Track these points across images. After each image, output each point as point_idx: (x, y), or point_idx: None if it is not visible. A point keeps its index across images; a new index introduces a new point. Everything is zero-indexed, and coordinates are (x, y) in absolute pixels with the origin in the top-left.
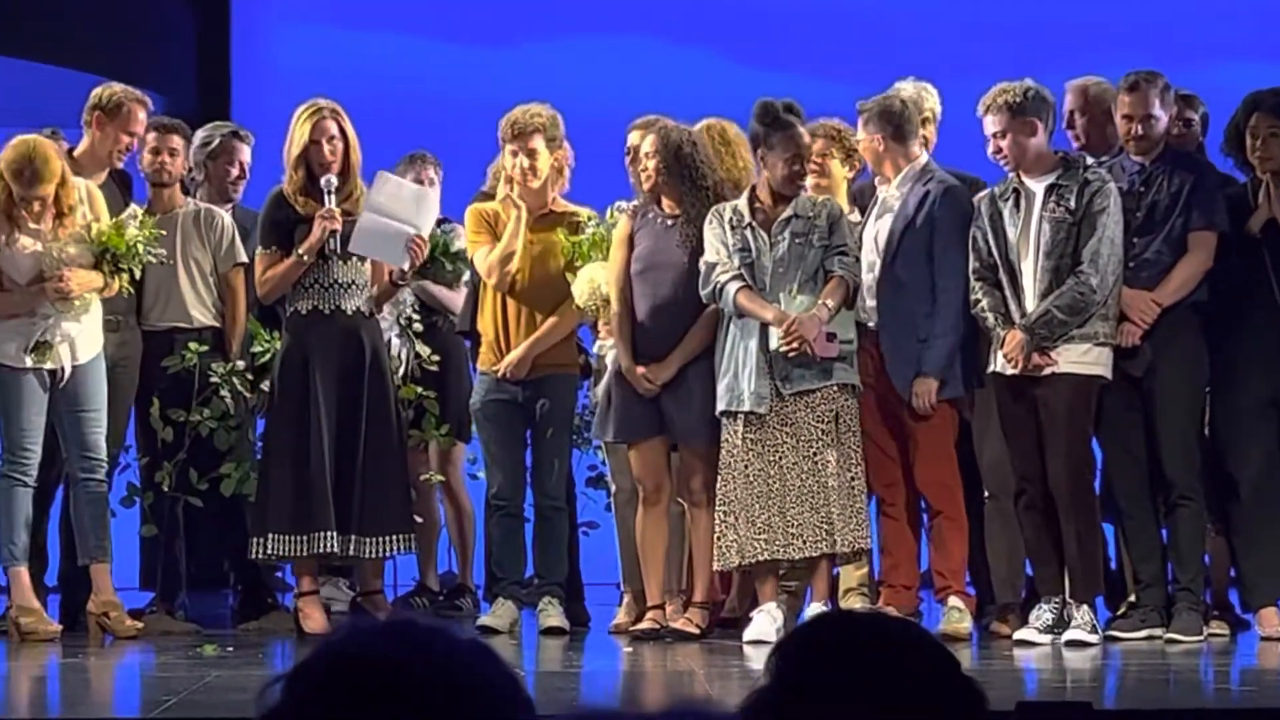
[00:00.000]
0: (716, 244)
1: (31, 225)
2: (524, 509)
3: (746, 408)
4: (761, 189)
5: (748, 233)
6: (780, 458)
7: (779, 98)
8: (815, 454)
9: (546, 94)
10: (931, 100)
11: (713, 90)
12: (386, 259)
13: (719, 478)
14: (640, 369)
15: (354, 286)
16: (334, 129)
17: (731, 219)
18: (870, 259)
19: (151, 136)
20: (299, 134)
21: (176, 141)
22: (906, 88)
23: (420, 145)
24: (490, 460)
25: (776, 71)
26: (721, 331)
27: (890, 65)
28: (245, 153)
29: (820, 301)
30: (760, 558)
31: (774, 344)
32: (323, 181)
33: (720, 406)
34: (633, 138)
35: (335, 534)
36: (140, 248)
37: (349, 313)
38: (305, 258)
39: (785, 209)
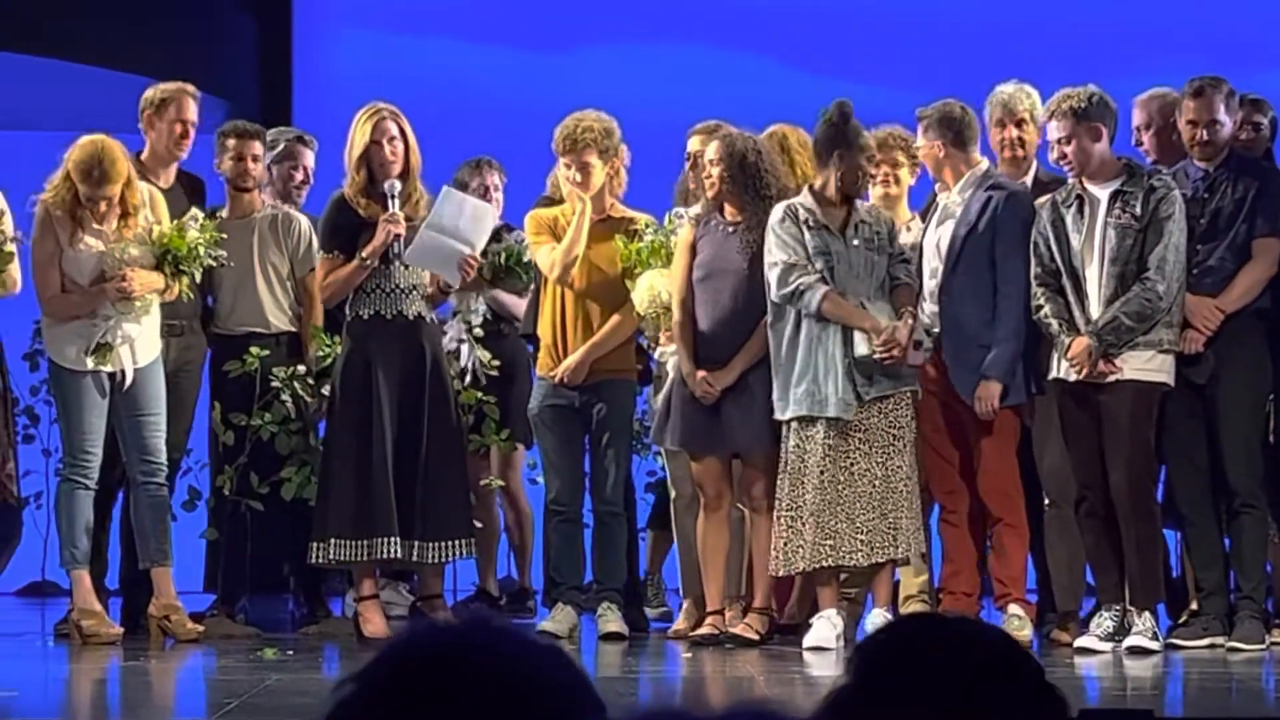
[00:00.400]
0: (792, 244)
1: (95, 226)
2: (583, 514)
3: (832, 413)
4: (829, 191)
5: (825, 235)
6: (852, 464)
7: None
8: (885, 460)
9: (602, 100)
10: (1029, 101)
11: (767, 95)
12: (439, 273)
13: (787, 482)
14: (701, 374)
15: (414, 291)
16: (394, 130)
17: (807, 219)
18: (933, 265)
19: (232, 142)
20: (360, 135)
21: (258, 148)
22: (1008, 89)
23: (477, 151)
24: (548, 466)
25: (830, 76)
26: (784, 335)
27: (946, 70)
28: (309, 158)
29: (904, 309)
30: (826, 563)
31: (859, 350)
32: (386, 185)
33: (795, 411)
34: (693, 143)
35: (398, 539)
36: (201, 250)
37: (410, 318)
38: (369, 262)
39: (847, 213)
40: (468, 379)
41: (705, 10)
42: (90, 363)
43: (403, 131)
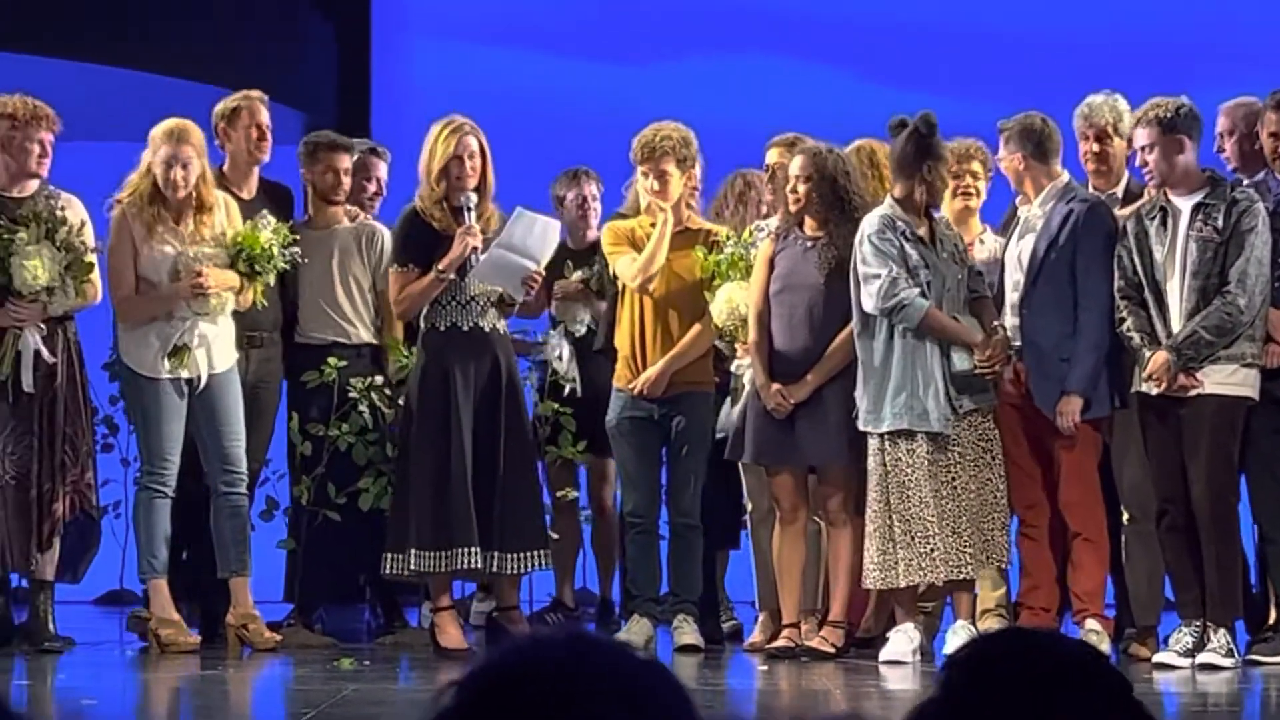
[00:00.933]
0: (892, 254)
1: (171, 225)
2: (659, 526)
3: (934, 428)
4: (916, 203)
5: (922, 248)
6: (953, 479)
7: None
8: (979, 473)
9: (676, 112)
10: (1117, 112)
11: (840, 107)
12: (505, 288)
13: (882, 495)
14: (775, 386)
15: (488, 303)
16: (475, 146)
17: (904, 230)
18: (1015, 278)
19: (325, 154)
20: (441, 150)
21: (347, 160)
22: (1096, 100)
23: (552, 162)
24: (626, 477)
25: (903, 88)
26: (877, 347)
27: (1022, 83)
28: (382, 169)
29: (994, 323)
30: (930, 578)
31: (958, 364)
32: (463, 199)
33: (893, 424)
34: (771, 155)
35: (477, 550)
36: (275, 250)
37: (486, 329)
38: (445, 275)
39: (928, 226)
40: (567, 390)
41: (775, 23)
42: (167, 366)
43: (482, 148)
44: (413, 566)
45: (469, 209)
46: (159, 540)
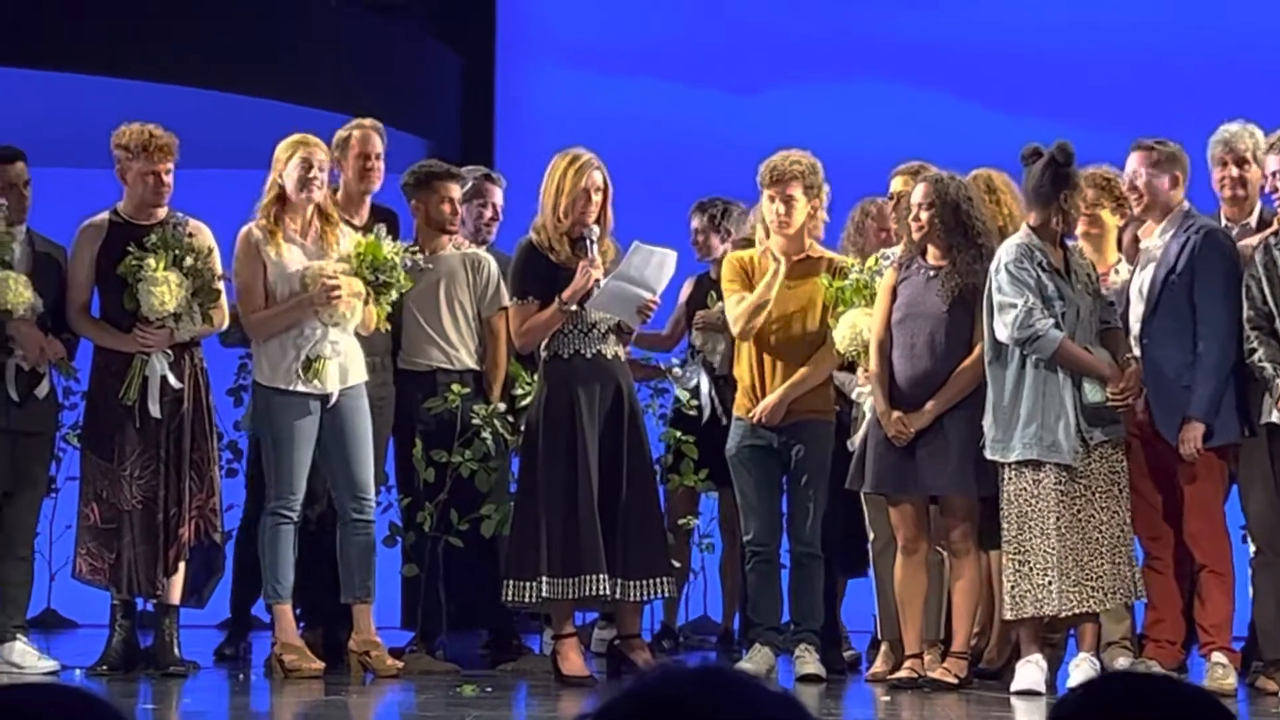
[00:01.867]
0: (1029, 283)
1: (298, 239)
2: (780, 555)
3: (1065, 460)
4: (1052, 231)
5: (1057, 279)
6: (1079, 510)
7: (1032, 142)
8: (1109, 505)
9: (792, 139)
10: (1253, 140)
11: (958, 134)
12: (621, 317)
13: (1014, 526)
14: (896, 414)
15: (608, 330)
16: (600, 181)
17: (1041, 261)
18: (1137, 309)
19: (439, 184)
20: (569, 185)
21: (456, 190)
22: (1232, 127)
23: (671, 192)
24: (746, 506)
25: (1020, 115)
26: (1008, 376)
27: (1136, 110)
28: (497, 195)
29: (1127, 354)
30: (1063, 611)
31: (1090, 395)
32: (585, 232)
33: (1022, 454)
34: (895, 183)
35: (605, 577)
36: (397, 260)
37: (608, 356)
38: (568, 306)
39: (1063, 255)
40: (705, 417)
41: (889, 50)
42: (302, 378)
43: (605, 182)
44: (544, 594)
45: (591, 241)
46: (284, 565)
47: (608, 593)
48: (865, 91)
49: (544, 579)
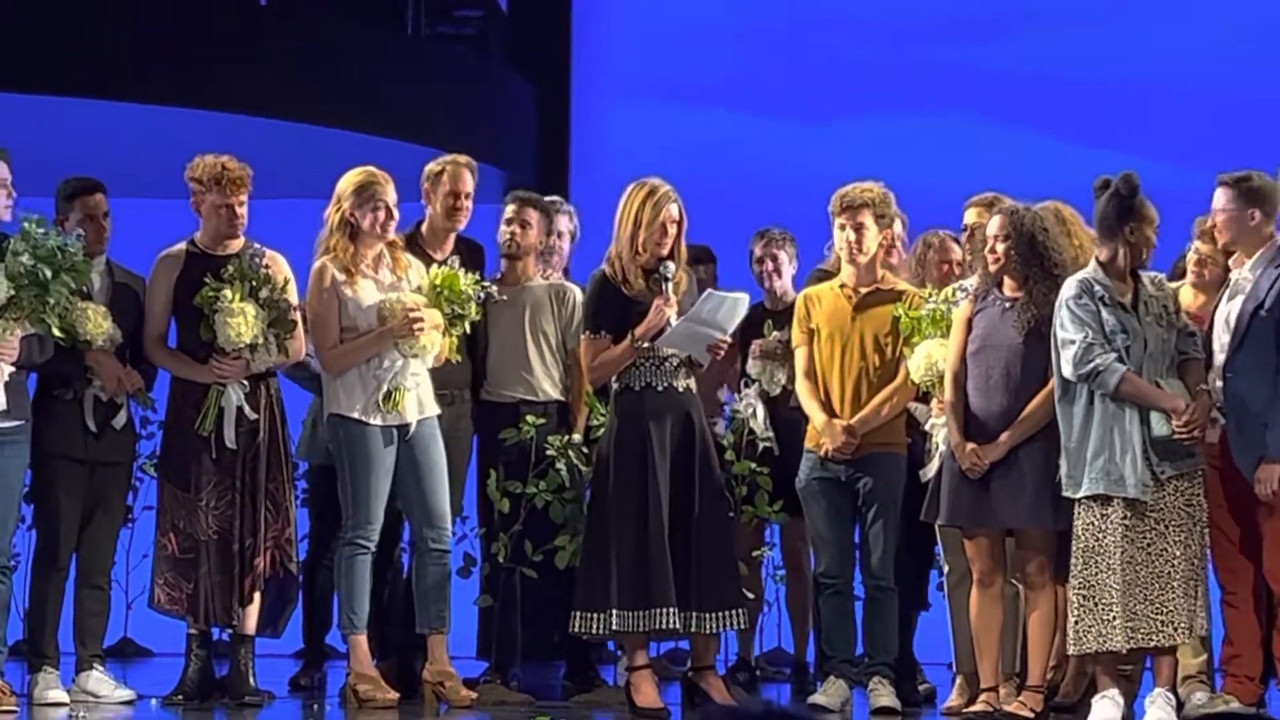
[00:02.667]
0: (1087, 320)
1: (371, 272)
2: (853, 587)
3: (1131, 494)
4: (1118, 264)
5: (1120, 312)
6: (1149, 544)
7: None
8: (1182, 539)
9: (863, 170)
10: None
11: (1026, 165)
12: (690, 353)
13: (1081, 560)
14: (970, 446)
15: (680, 363)
16: (676, 213)
17: (1103, 296)
18: (1222, 340)
19: (510, 209)
20: (646, 216)
21: (531, 215)
22: None
23: (742, 221)
24: (818, 538)
25: (1093, 147)
26: (1077, 412)
27: (1216, 142)
28: (563, 222)
29: (1199, 386)
30: (1128, 646)
31: (1157, 429)
32: (661, 268)
33: (1090, 489)
34: (969, 215)
35: (676, 610)
36: (472, 291)
37: (679, 389)
38: (641, 343)
39: (1135, 287)
40: (761, 448)
41: (957, 81)
42: (382, 410)
43: (680, 214)
44: (614, 626)
45: (667, 279)
46: (360, 596)
47: (678, 625)
48: (935, 123)
49: (614, 611)
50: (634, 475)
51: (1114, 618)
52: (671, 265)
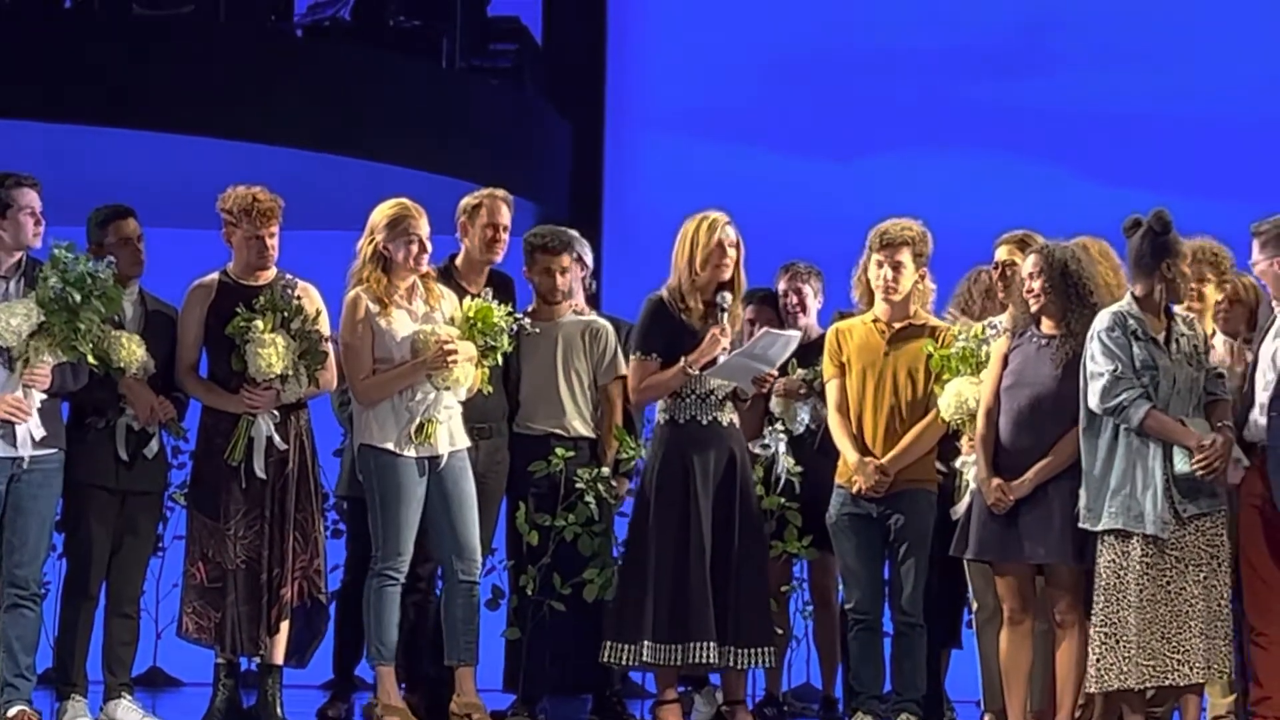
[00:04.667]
0: (1118, 353)
1: (405, 304)
2: (883, 623)
3: (1149, 530)
4: (1155, 302)
5: (1151, 348)
6: (1169, 582)
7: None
8: (1205, 579)
9: (888, 207)
10: None
11: (1051, 201)
12: (737, 384)
13: (1103, 596)
14: (996, 481)
15: (725, 397)
16: (734, 236)
17: (1135, 330)
18: (1267, 378)
19: (540, 257)
20: (703, 239)
21: (566, 260)
22: None
23: (772, 257)
24: (847, 573)
25: (1119, 185)
26: (1101, 445)
27: (1244, 179)
28: (586, 255)
29: (1224, 424)
30: (1146, 684)
31: (1180, 466)
32: (718, 298)
33: (1109, 524)
34: (1001, 252)
35: (714, 644)
36: (505, 323)
37: (723, 423)
38: (693, 371)
39: (1166, 325)
40: (781, 484)
41: (984, 118)
42: (414, 442)
43: (738, 241)
44: (645, 659)
45: (723, 309)
46: (388, 627)
47: (715, 660)
48: (959, 160)
49: (646, 643)
50: (675, 508)
51: (1132, 655)
52: (729, 296)
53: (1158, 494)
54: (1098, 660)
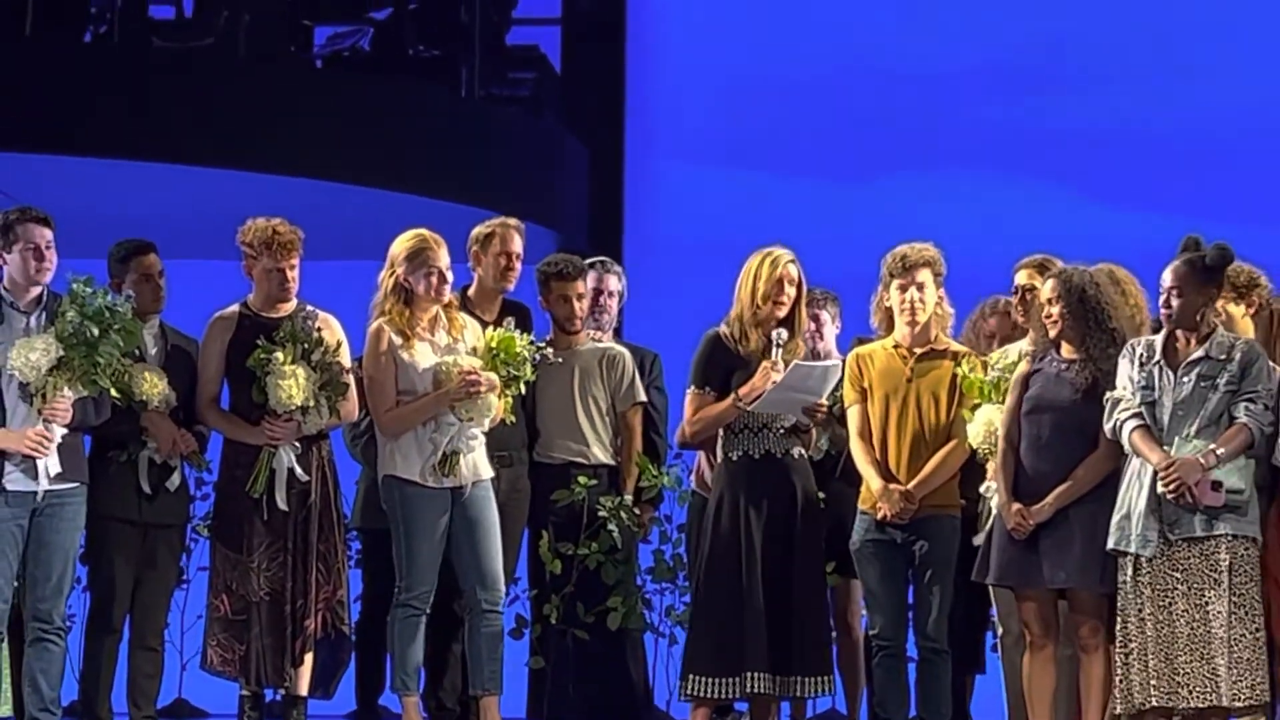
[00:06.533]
0: (1124, 379)
1: (427, 335)
2: (907, 649)
3: (1133, 549)
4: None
5: (1155, 370)
6: (1170, 603)
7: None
8: (1205, 603)
9: (909, 231)
10: None
11: (1065, 224)
12: (790, 414)
13: (1120, 619)
14: (1016, 506)
15: (783, 431)
16: (795, 274)
17: (1142, 355)
18: None
19: (555, 284)
20: (765, 272)
21: (581, 287)
22: None
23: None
24: (871, 599)
25: (1134, 209)
26: (1125, 468)
27: (1238, 202)
28: (612, 282)
29: (1210, 447)
30: (1150, 704)
31: (1159, 486)
32: (774, 335)
33: (1110, 544)
34: (1020, 277)
35: (767, 674)
36: (527, 353)
37: (779, 455)
38: (744, 405)
39: (1198, 348)
40: None
41: (1008, 139)
42: (439, 473)
43: (800, 280)
44: (696, 690)
45: (778, 345)
46: (413, 658)
47: (773, 690)
48: (963, 181)
49: (692, 676)
50: (730, 545)
51: (1147, 677)
52: (784, 333)
53: (1144, 514)
54: (1121, 681)
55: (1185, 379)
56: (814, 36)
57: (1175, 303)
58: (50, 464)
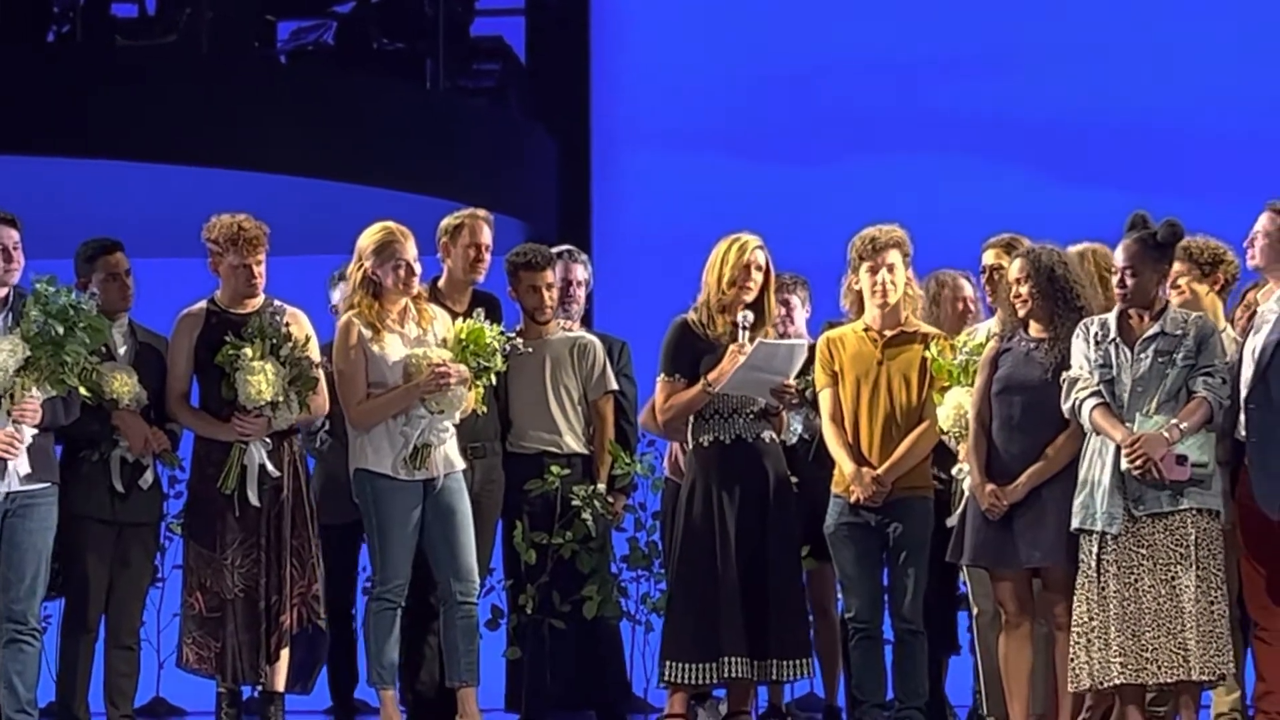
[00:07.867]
0: (1080, 358)
1: (397, 328)
2: (883, 631)
3: (1098, 527)
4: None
5: (1111, 348)
6: (1136, 580)
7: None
8: (1172, 578)
9: (873, 213)
10: None
11: (1024, 205)
12: (758, 397)
13: (1078, 597)
14: (990, 487)
15: (752, 416)
16: (762, 260)
17: (1097, 334)
18: (1247, 371)
19: (525, 274)
20: (732, 258)
21: (550, 276)
22: None
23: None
24: (847, 582)
25: (1090, 187)
26: (1086, 447)
27: (1217, 183)
28: (579, 271)
29: (1172, 422)
30: (1114, 681)
31: (1124, 463)
32: (740, 317)
33: (1074, 523)
34: (987, 257)
35: (744, 659)
36: (498, 345)
37: (749, 440)
38: (712, 389)
39: (1153, 325)
40: None
41: (970, 122)
42: (410, 466)
43: (767, 265)
44: (674, 677)
45: (744, 328)
46: (389, 650)
47: (750, 674)
48: (932, 162)
49: (668, 663)
50: (703, 532)
51: (1109, 655)
52: (750, 315)
53: (1107, 491)
54: (1072, 660)
55: (1143, 355)
56: (777, 25)
57: (1130, 281)
58: (20, 465)
